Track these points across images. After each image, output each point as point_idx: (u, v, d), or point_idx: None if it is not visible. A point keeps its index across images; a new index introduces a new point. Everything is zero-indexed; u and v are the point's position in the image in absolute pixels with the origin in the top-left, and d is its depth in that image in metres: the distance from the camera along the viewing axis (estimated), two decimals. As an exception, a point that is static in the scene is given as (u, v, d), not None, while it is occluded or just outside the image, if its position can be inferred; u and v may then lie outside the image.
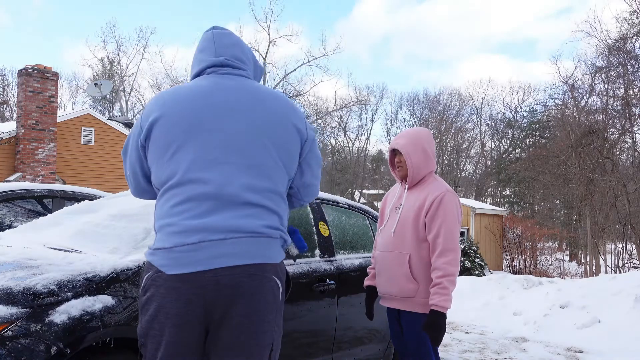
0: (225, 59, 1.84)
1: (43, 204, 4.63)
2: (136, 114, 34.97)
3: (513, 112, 42.28)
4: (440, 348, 2.71)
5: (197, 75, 1.88)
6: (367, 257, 3.67)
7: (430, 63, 68.57)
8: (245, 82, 1.84)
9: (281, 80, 34.11)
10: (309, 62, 33.74)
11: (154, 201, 1.86)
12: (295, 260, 2.22)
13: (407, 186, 2.78)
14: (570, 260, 26.05)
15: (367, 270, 2.98)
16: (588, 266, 18.76)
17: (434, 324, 2.48)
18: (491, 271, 16.95)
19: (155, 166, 1.73)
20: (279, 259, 1.74)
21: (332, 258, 3.36)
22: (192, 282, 1.60)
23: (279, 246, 1.76)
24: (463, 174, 43.38)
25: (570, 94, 21.25)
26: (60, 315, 1.92)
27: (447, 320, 2.65)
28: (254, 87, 1.84)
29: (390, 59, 68.05)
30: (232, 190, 1.65)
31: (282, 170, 1.78)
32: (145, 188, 1.88)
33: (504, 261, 21.52)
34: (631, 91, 17.48)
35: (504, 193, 40.11)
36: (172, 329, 1.61)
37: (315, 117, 37.97)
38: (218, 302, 1.61)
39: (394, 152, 2.81)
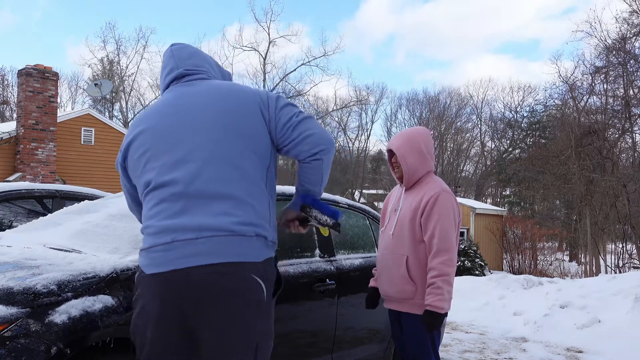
0: (184, 69, 1.92)
1: (43, 204, 4.63)
2: (136, 114, 34.96)
3: (513, 112, 42.32)
4: (440, 348, 2.71)
5: (164, 89, 1.97)
6: (367, 257, 3.67)
7: (433, 63, 68.64)
8: (205, 83, 1.89)
9: (281, 80, 34.10)
10: (308, 62, 33.74)
11: None
12: (339, 232, 2.13)
13: (404, 187, 2.78)
14: (570, 260, 26.05)
15: (373, 271, 2.99)
16: (588, 266, 18.77)
17: (429, 324, 2.48)
18: (491, 271, 16.95)
19: (136, 180, 1.85)
20: (258, 257, 1.70)
21: (332, 258, 3.36)
22: (166, 282, 1.65)
23: (258, 244, 1.71)
24: (463, 174, 43.39)
25: (570, 94, 21.26)
26: (60, 315, 1.92)
27: (447, 320, 2.64)
28: (214, 85, 1.88)
29: (393, 58, 68.15)
30: (199, 185, 1.69)
31: (252, 157, 1.77)
32: (131, 205, 2.03)
33: (504, 261, 21.53)
34: (631, 91, 17.50)
35: (504, 193, 40.11)
36: (152, 328, 1.68)
37: (315, 117, 37.95)
38: (192, 301, 1.64)
39: (391, 152, 2.80)
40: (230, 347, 1.65)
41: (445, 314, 2.51)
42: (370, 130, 50.97)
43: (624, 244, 17.58)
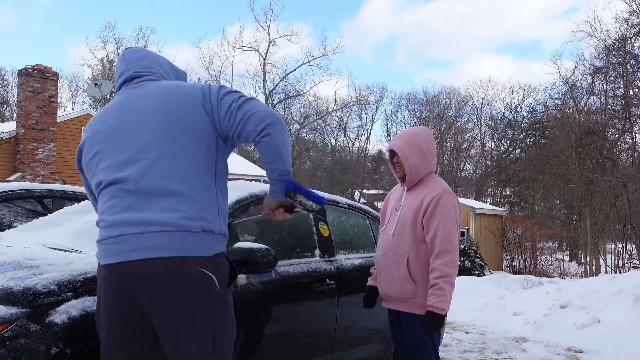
0: (133, 72, 1.98)
1: (43, 204, 4.63)
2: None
3: (513, 112, 42.30)
4: (440, 348, 2.71)
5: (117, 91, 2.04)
6: (367, 257, 3.67)
7: (434, 63, 68.55)
8: (153, 84, 1.93)
9: (281, 80, 34.11)
10: (308, 62, 33.74)
11: None
12: (325, 218, 2.14)
13: (406, 187, 2.78)
14: (570, 260, 26.05)
15: (370, 270, 2.99)
16: (588, 266, 18.77)
17: (430, 325, 2.48)
18: (491, 271, 16.95)
19: (90, 179, 1.95)
20: (206, 251, 1.76)
21: (332, 258, 3.36)
22: (116, 273, 1.75)
23: (205, 239, 1.77)
24: (463, 174, 43.36)
25: (570, 94, 21.26)
26: (60, 315, 1.92)
27: (447, 320, 2.64)
28: (160, 85, 1.92)
29: (394, 59, 68.10)
30: (147, 182, 1.76)
31: (197, 153, 1.82)
32: (92, 202, 2.10)
33: (504, 261, 21.52)
34: (631, 91, 17.49)
35: (504, 193, 40.09)
36: (107, 317, 1.79)
37: (315, 117, 37.96)
38: (141, 292, 1.72)
39: (393, 152, 2.79)
40: (183, 336, 1.73)
41: (446, 314, 2.52)
42: (370, 130, 51.07)
43: (624, 244, 17.58)
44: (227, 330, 1.84)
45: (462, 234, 20.60)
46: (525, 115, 40.15)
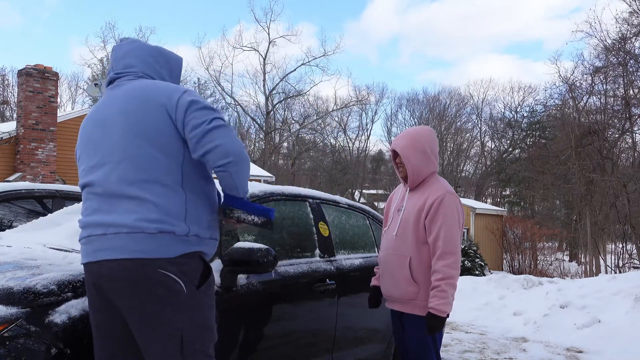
0: (114, 73, 2.00)
1: (43, 204, 4.62)
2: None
3: (513, 112, 42.30)
4: (440, 348, 2.71)
5: None
6: (367, 257, 3.67)
7: (438, 63, 68.47)
8: (127, 86, 1.92)
9: (281, 80, 34.10)
10: (308, 62, 33.72)
11: None
12: (271, 229, 2.09)
13: (408, 187, 2.77)
14: (570, 260, 26.04)
15: (374, 270, 2.98)
16: (588, 266, 18.76)
17: (431, 326, 2.47)
18: (491, 271, 16.95)
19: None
20: (167, 253, 1.76)
21: (332, 258, 3.35)
22: (89, 272, 1.84)
23: (164, 240, 1.75)
24: (463, 174, 43.35)
25: (570, 94, 21.25)
26: (60, 315, 1.92)
27: (447, 320, 2.64)
28: (131, 87, 1.91)
29: (397, 59, 68.05)
30: (110, 187, 1.81)
31: (159, 157, 1.80)
32: None
33: (504, 261, 21.52)
34: (631, 91, 17.48)
35: (504, 193, 40.10)
36: (91, 313, 1.88)
37: (315, 117, 37.94)
38: (110, 292, 1.77)
39: (395, 152, 2.79)
40: (147, 337, 1.76)
41: (447, 316, 2.51)
42: (371, 130, 51.10)
43: (624, 244, 17.56)
44: (200, 333, 1.81)
45: (462, 234, 20.57)
46: (525, 115, 40.17)
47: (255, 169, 22.30)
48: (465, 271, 15.32)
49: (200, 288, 1.83)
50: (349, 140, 43.19)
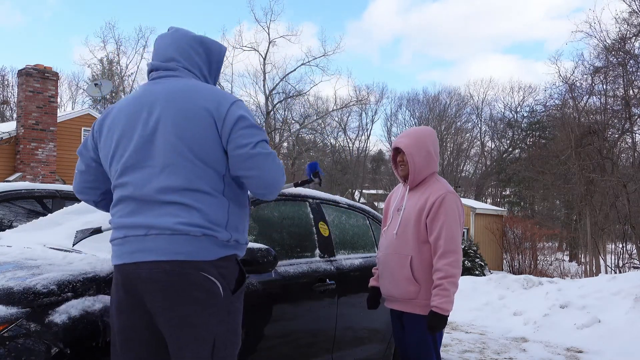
0: (156, 62, 1.93)
1: (43, 204, 4.62)
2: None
3: (513, 112, 42.30)
4: (440, 348, 2.71)
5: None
6: (367, 257, 3.67)
7: (439, 63, 68.40)
8: (169, 84, 1.86)
9: (281, 80, 34.09)
10: (308, 62, 33.69)
11: None
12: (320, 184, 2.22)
13: (408, 187, 2.77)
14: (570, 260, 26.04)
15: (373, 271, 2.98)
16: (588, 266, 18.76)
17: (434, 325, 2.47)
18: (491, 271, 16.95)
19: (106, 171, 1.95)
20: (208, 255, 1.74)
21: (332, 258, 3.35)
22: (123, 273, 1.78)
23: (207, 243, 1.74)
24: (463, 174, 43.35)
25: (570, 94, 21.26)
26: (60, 315, 1.92)
27: (447, 320, 2.65)
28: (175, 88, 1.84)
29: (399, 59, 67.98)
30: (147, 192, 1.76)
31: (201, 166, 1.77)
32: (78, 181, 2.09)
33: (504, 261, 21.52)
34: (631, 91, 17.48)
35: (504, 193, 40.09)
36: (116, 314, 1.82)
37: (315, 117, 37.95)
38: (144, 294, 1.74)
39: (397, 150, 2.79)
40: (181, 340, 1.72)
41: (448, 315, 2.52)
42: (370, 130, 51.09)
43: (624, 244, 17.57)
44: (230, 338, 1.80)
45: (462, 234, 20.57)
46: (525, 115, 40.16)
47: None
48: (465, 271, 15.32)
49: (235, 293, 1.83)
50: (349, 140, 43.20)
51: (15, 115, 22.02)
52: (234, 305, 1.82)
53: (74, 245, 2.11)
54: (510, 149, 41.10)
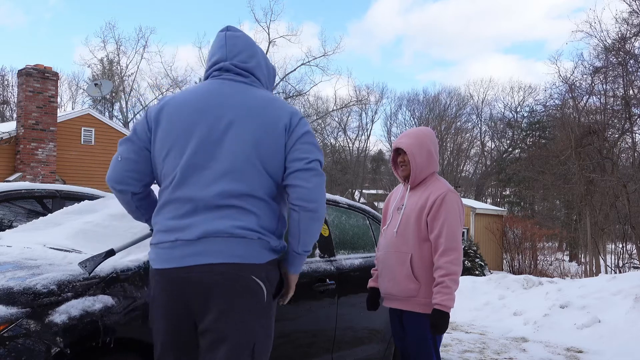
0: (230, 63, 1.89)
1: (43, 204, 4.62)
2: (136, 114, 34.91)
3: (513, 112, 42.31)
4: (440, 348, 2.72)
5: (206, 77, 1.94)
6: (367, 257, 3.67)
7: (441, 63, 68.35)
8: (242, 90, 1.86)
9: (281, 80, 34.08)
10: (308, 62, 33.70)
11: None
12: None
13: (409, 186, 2.78)
14: (570, 260, 26.06)
15: (371, 272, 2.98)
16: (588, 266, 18.76)
17: (437, 323, 2.48)
18: (491, 271, 16.95)
19: (155, 163, 1.86)
20: (260, 258, 1.75)
21: (332, 258, 3.36)
22: (170, 277, 1.74)
23: (259, 246, 1.75)
24: (463, 174, 43.36)
25: (570, 94, 21.25)
26: (60, 315, 1.92)
27: (449, 319, 2.66)
28: (250, 95, 1.85)
29: (400, 59, 67.94)
30: (207, 195, 1.73)
31: (264, 175, 1.78)
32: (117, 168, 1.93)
33: (504, 261, 21.53)
34: (631, 91, 17.48)
35: (504, 193, 40.08)
36: (160, 319, 1.79)
37: (315, 117, 37.95)
38: (194, 297, 1.71)
39: (398, 150, 2.80)
40: (225, 344, 1.70)
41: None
42: (370, 130, 51.05)
43: (624, 244, 17.58)
44: (267, 343, 1.80)
45: (462, 234, 20.57)
46: (525, 115, 40.16)
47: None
48: (465, 271, 15.32)
49: (275, 298, 1.84)
50: (349, 140, 43.23)
51: (15, 115, 22.02)
52: (273, 309, 1.83)
53: (90, 274, 2.06)
54: (510, 149, 41.11)
